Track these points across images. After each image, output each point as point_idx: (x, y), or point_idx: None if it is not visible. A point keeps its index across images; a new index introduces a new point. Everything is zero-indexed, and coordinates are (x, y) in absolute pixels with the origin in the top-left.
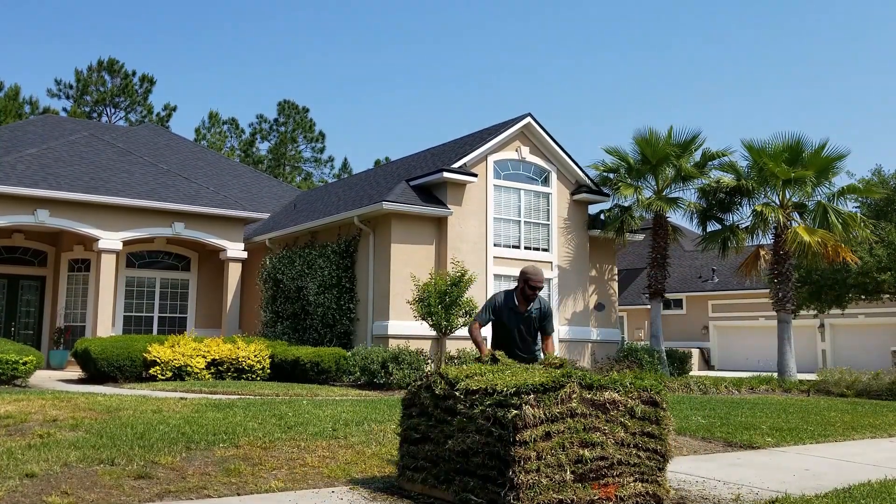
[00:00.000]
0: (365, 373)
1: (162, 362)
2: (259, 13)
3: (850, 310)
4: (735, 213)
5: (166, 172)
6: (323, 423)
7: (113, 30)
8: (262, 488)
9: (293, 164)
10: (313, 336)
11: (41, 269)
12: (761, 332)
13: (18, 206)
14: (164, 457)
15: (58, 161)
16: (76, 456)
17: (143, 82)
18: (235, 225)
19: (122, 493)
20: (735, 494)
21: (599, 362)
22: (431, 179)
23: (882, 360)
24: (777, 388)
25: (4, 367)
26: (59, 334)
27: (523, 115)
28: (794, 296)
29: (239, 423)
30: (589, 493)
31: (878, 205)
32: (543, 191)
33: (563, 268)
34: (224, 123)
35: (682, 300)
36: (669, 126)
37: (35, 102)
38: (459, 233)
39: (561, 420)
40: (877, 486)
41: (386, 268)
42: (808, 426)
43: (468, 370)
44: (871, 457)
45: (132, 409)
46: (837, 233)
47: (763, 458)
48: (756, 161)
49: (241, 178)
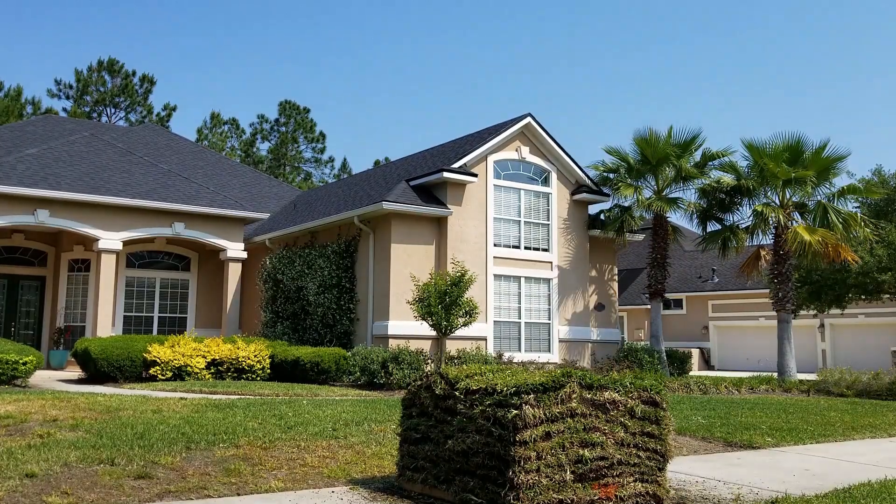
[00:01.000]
0: (365, 373)
1: (162, 362)
2: (259, 13)
3: (850, 310)
4: (735, 213)
5: (166, 172)
6: (323, 424)
7: (113, 30)
8: (262, 488)
9: (293, 164)
10: (313, 336)
11: (41, 269)
12: (761, 332)
13: (19, 206)
14: (165, 457)
15: (58, 161)
16: (76, 456)
17: (143, 82)
18: (235, 225)
19: (122, 493)
20: (735, 494)
21: (599, 362)
22: (431, 179)
23: (882, 360)
24: (777, 388)
25: (4, 368)
26: (59, 334)
27: (523, 115)
28: (794, 296)
29: (239, 424)
30: (589, 493)
31: (879, 205)
32: (543, 191)
33: (563, 268)
34: (225, 124)
35: (682, 300)
36: (669, 126)
37: (37, 103)
38: (459, 233)
39: (561, 420)
40: (877, 486)
41: (386, 268)
42: (808, 426)
43: (468, 370)
44: (871, 457)
45: (132, 409)
46: (838, 232)
47: (763, 458)
48: (756, 161)
49: (242, 178)
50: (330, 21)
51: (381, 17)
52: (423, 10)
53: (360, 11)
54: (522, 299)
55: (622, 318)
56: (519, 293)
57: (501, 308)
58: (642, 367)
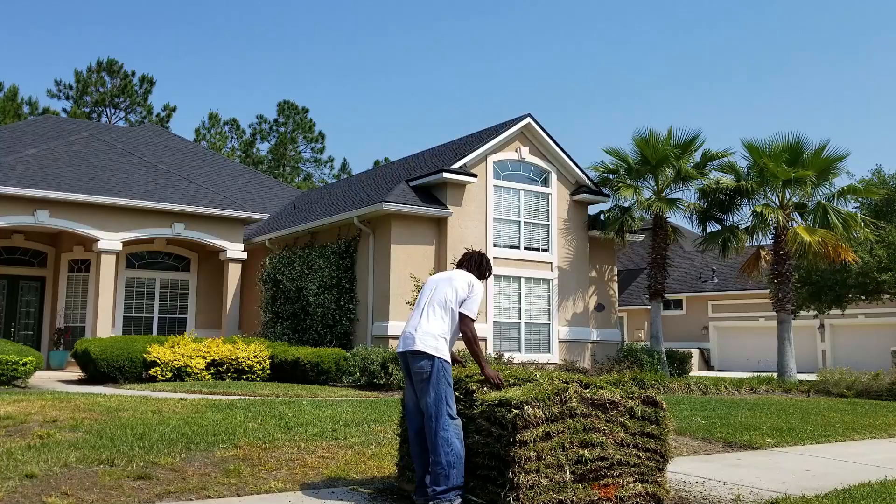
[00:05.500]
0: (365, 373)
1: (162, 363)
2: (259, 13)
3: (850, 310)
4: (735, 214)
5: (166, 173)
6: (323, 424)
7: (113, 30)
8: (262, 489)
9: (293, 164)
10: (313, 336)
11: (41, 269)
12: (761, 332)
13: (18, 206)
14: (164, 457)
15: (57, 162)
16: (76, 457)
17: (142, 83)
18: (235, 225)
19: (121, 494)
20: (735, 495)
21: (599, 363)
22: (431, 180)
23: (882, 361)
24: (777, 388)
25: (4, 368)
26: (58, 335)
27: (523, 115)
28: (794, 296)
29: (239, 424)
30: (589, 494)
31: (878, 205)
32: (543, 191)
33: (562, 268)
34: (224, 124)
35: (682, 300)
36: (669, 126)
37: (34, 103)
38: (459, 233)
39: (561, 420)
40: (877, 486)
41: (386, 268)
42: (808, 427)
43: (468, 370)
44: (871, 457)
45: (132, 409)
46: (838, 232)
47: (763, 458)
48: (756, 161)
49: (241, 178)
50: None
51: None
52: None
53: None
54: (522, 300)
55: (622, 318)
56: (519, 293)
57: (501, 308)
58: (642, 368)
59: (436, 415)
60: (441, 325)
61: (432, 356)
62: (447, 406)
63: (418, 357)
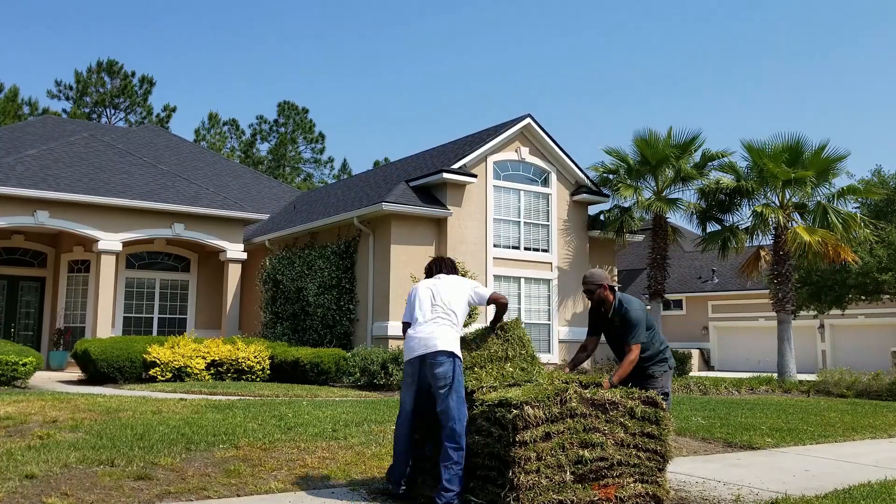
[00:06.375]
0: (365, 374)
1: (162, 363)
2: (259, 14)
3: (849, 310)
4: (735, 214)
5: (166, 173)
6: (323, 424)
7: (112, 30)
8: (262, 489)
9: (293, 164)
10: (313, 337)
11: (41, 270)
12: (761, 332)
13: (18, 207)
14: (164, 458)
15: (57, 162)
16: (76, 457)
17: (142, 83)
18: (235, 226)
19: (121, 495)
20: (735, 495)
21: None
22: (431, 180)
23: (882, 361)
24: (777, 388)
25: (4, 369)
26: (58, 335)
27: (523, 115)
28: (794, 296)
29: (239, 424)
30: (589, 494)
31: (878, 205)
32: (543, 191)
33: (562, 269)
34: (224, 124)
35: (681, 301)
36: (669, 127)
37: (34, 104)
38: (459, 234)
39: (561, 420)
40: (877, 486)
41: (386, 269)
42: (807, 427)
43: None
44: (871, 457)
45: (132, 410)
46: (838, 233)
47: (763, 458)
48: (756, 162)
49: (241, 178)
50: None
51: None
52: (423, 11)
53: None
54: (522, 300)
55: None
56: (519, 294)
57: None
58: None
59: (459, 417)
60: (453, 332)
61: (453, 354)
62: (465, 407)
63: (440, 358)
